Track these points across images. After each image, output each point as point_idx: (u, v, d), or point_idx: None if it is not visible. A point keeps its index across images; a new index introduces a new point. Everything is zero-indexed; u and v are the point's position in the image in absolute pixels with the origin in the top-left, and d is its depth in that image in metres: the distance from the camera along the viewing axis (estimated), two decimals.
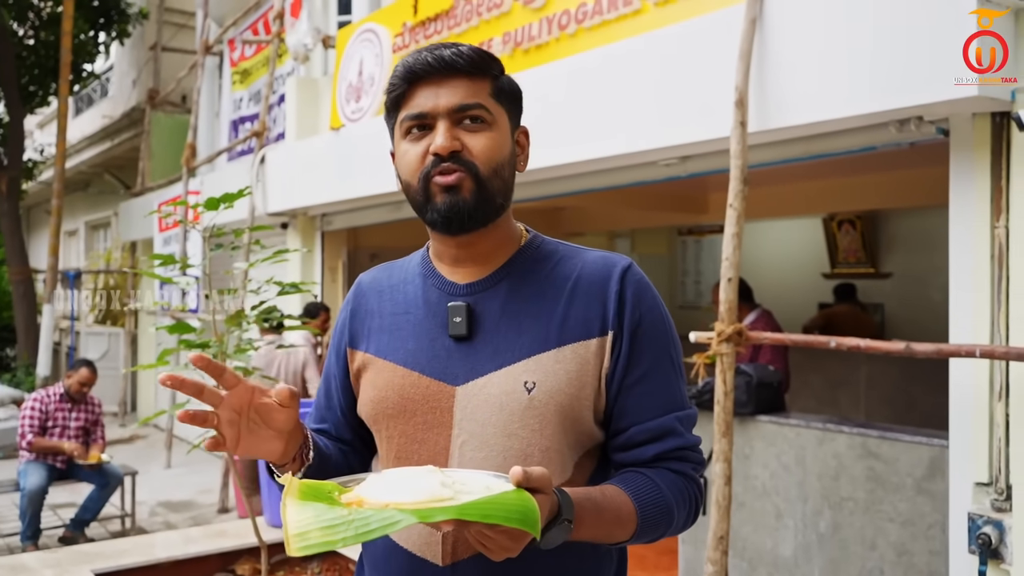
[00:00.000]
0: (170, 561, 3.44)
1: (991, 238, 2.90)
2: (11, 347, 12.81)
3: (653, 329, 1.26)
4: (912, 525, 3.36)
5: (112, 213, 12.49)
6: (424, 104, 1.22)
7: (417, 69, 1.22)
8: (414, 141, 1.23)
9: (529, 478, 1.00)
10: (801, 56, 3.23)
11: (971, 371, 2.96)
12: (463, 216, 1.21)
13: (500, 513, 0.95)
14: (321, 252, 7.18)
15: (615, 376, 1.24)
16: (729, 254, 3.25)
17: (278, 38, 7.29)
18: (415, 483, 1.01)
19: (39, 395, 5.82)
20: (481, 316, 1.26)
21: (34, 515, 5.42)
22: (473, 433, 1.22)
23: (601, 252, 1.32)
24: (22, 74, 10.84)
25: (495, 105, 1.24)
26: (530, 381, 1.21)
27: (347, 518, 0.95)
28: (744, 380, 3.90)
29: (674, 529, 1.25)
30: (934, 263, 6.32)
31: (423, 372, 1.26)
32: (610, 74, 3.96)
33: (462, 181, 1.20)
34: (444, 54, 1.21)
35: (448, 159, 1.20)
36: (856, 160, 4.38)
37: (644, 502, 1.19)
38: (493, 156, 1.22)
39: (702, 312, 8.79)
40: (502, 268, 1.29)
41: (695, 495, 1.27)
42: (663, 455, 1.24)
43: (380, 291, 1.38)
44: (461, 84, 1.22)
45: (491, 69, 1.25)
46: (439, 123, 1.21)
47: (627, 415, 1.25)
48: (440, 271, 1.32)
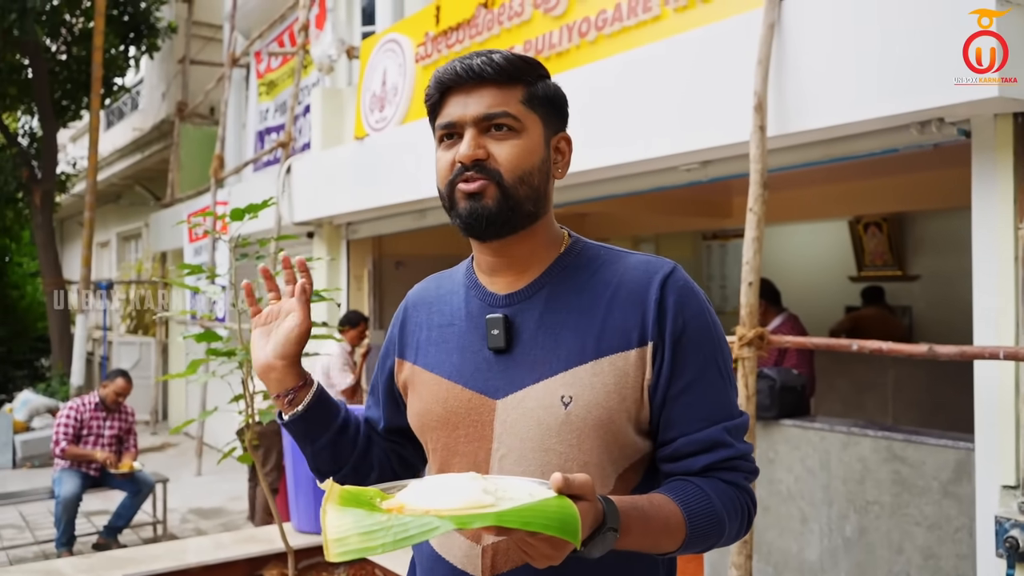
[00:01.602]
0: (200, 566, 3.49)
1: (1015, 239, 2.88)
2: (46, 357, 13.03)
3: (698, 336, 1.22)
4: (939, 529, 3.34)
5: (143, 224, 12.68)
6: (453, 113, 1.24)
7: (445, 79, 1.24)
8: (446, 149, 1.25)
9: (571, 485, 0.98)
10: (820, 60, 3.23)
11: (996, 373, 2.94)
12: (484, 222, 1.22)
13: (539, 520, 0.93)
14: (347, 260, 7.24)
15: (658, 387, 1.21)
16: (750, 258, 3.25)
17: (303, 50, 7.39)
18: (456, 489, 1.01)
19: (74, 404, 5.93)
20: (519, 328, 1.25)
21: (68, 522, 5.52)
22: (512, 447, 1.22)
23: (644, 257, 1.29)
24: (55, 89, 11.05)
25: (526, 112, 1.24)
26: (567, 395, 1.19)
27: (386, 524, 0.94)
28: (767, 384, 3.89)
29: (726, 540, 1.22)
30: (962, 265, 6.26)
31: (466, 385, 1.26)
32: (630, 80, 3.98)
33: (485, 188, 1.21)
34: (473, 63, 1.22)
35: (472, 167, 1.21)
36: (879, 162, 4.36)
37: (693, 512, 1.16)
38: (519, 163, 1.22)
39: (727, 317, 8.75)
40: (541, 277, 1.28)
41: (747, 505, 1.24)
42: (713, 466, 1.21)
43: (429, 303, 1.39)
44: (489, 92, 1.22)
45: (523, 76, 1.25)
46: (466, 132, 1.22)
47: (673, 426, 1.22)
48: (481, 281, 1.32)
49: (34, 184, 10.70)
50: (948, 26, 2.79)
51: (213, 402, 7.78)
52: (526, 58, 1.27)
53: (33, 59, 10.37)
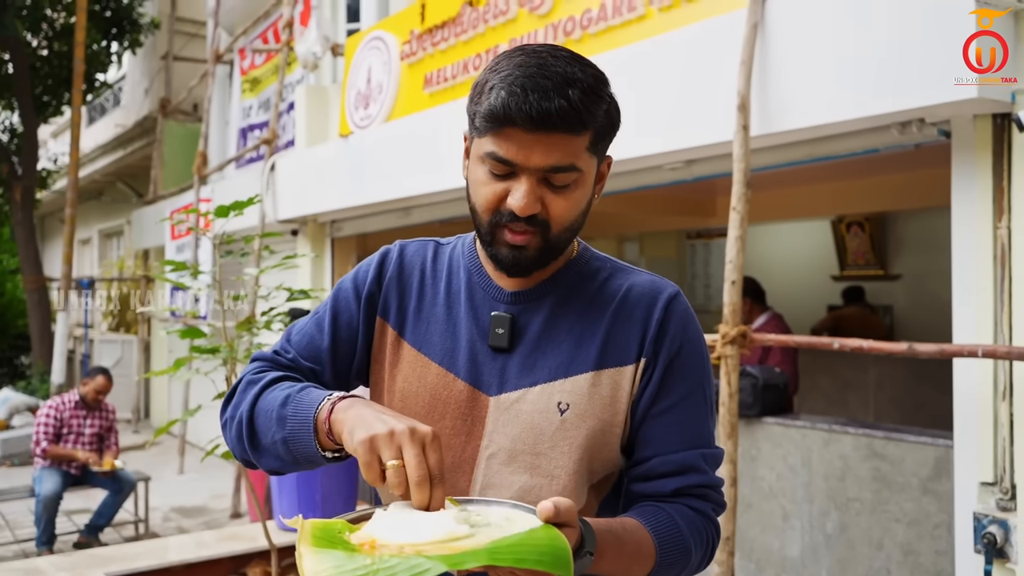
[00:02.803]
0: (182, 564, 3.47)
1: (993, 239, 2.91)
2: (26, 355, 12.93)
3: (690, 361, 1.23)
4: (918, 525, 3.37)
5: (125, 221, 12.60)
6: (514, 155, 1.12)
7: (518, 118, 1.09)
8: (492, 178, 1.15)
9: (558, 513, 0.97)
10: (802, 60, 3.26)
11: (975, 371, 2.98)
12: (523, 270, 1.20)
13: (533, 556, 0.91)
14: (331, 258, 7.23)
15: (641, 403, 1.21)
16: (733, 257, 3.27)
17: (287, 46, 7.36)
18: (428, 520, 0.97)
19: (54, 402, 5.89)
20: (523, 329, 1.23)
21: (49, 521, 5.48)
22: (502, 447, 1.20)
23: (650, 276, 1.28)
24: (36, 84, 10.96)
25: (588, 158, 1.16)
26: (564, 402, 1.19)
27: (371, 568, 0.88)
28: (750, 382, 3.92)
29: (689, 570, 1.20)
30: (943, 265, 6.33)
31: (459, 375, 1.23)
32: (615, 79, 3.96)
33: (531, 241, 1.16)
34: (551, 107, 1.08)
35: (524, 219, 1.15)
36: (861, 162, 4.40)
37: (663, 539, 1.15)
38: (569, 216, 1.17)
39: (711, 316, 8.79)
40: (550, 280, 1.25)
41: (712, 536, 1.23)
42: (683, 490, 1.21)
43: (423, 271, 1.32)
44: (559, 142, 1.11)
45: (596, 119, 1.14)
46: (524, 177, 1.13)
47: (651, 444, 1.21)
48: (486, 270, 1.27)
49: (14, 180, 10.61)
50: (930, 27, 2.82)
51: (196, 400, 7.74)
52: (600, 90, 1.15)
53: (14, 54, 10.27)
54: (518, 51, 1.16)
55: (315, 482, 3.37)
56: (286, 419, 1.15)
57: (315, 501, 3.33)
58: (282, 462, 1.20)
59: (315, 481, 3.39)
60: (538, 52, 1.14)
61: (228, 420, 1.26)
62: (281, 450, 1.17)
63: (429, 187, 5.17)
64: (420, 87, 5.71)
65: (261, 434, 1.20)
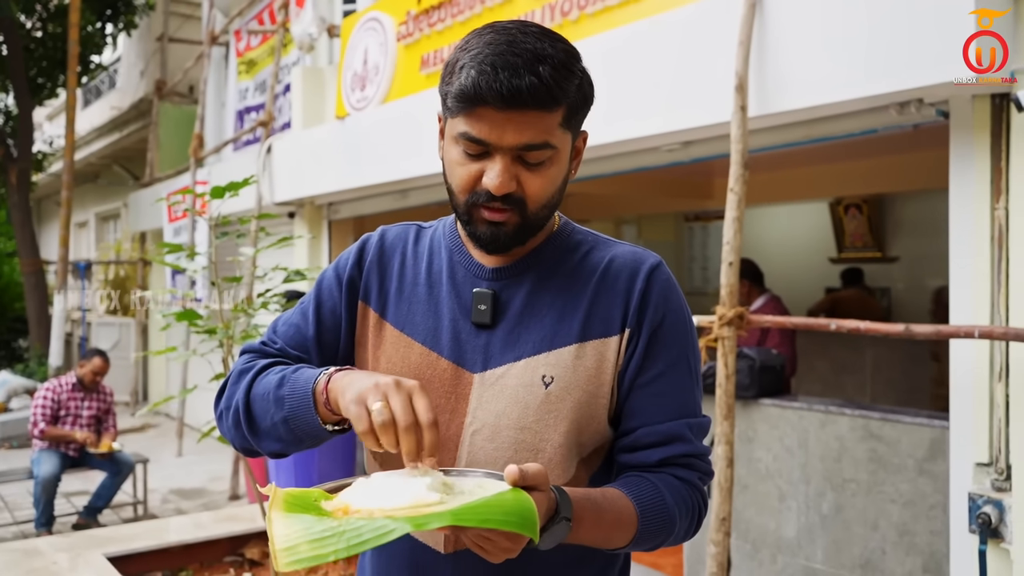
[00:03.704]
0: (181, 545, 3.49)
1: (991, 220, 2.90)
2: (23, 338, 12.93)
3: (674, 330, 1.23)
4: (913, 506, 3.39)
5: (122, 204, 12.56)
6: (487, 134, 1.12)
7: (489, 97, 1.09)
8: (467, 158, 1.16)
9: (525, 476, 0.98)
10: (801, 40, 3.24)
11: (971, 352, 2.98)
12: (501, 247, 1.20)
13: (497, 516, 0.92)
14: (328, 240, 7.21)
15: (627, 374, 1.21)
16: (730, 238, 3.26)
17: (283, 28, 7.31)
18: (400, 488, 0.98)
19: (51, 384, 5.89)
20: (505, 304, 1.23)
21: (48, 502, 5.50)
22: (486, 423, 1.20)
23: (631, 246, 1.28)
24: (30, 66, 10.89)
25: (562, 134, 1.16)
26: (548, 375, 1.19)
27: (337, 530, 0.90)
28: (747, 364, 3.92)
29: (674, 539, 1.21)
30: (941, 247, 6.34)
31: (442, 354, 1.23)
32: (612, 60, 3.97)
33: (509, 219, 1.17)
34: (522, 85, 1.08)
35: (500, 198, 1.15)
36: (860, 144, 4.38)
37: (646, 507, 1.15)
38: (546, 194, 1.18)
39: (709, 298, 8.80)
40: (531, 255, 1.25)
41: (699, 505, 1.23)
42: (669, 460, 1.21)
43: (404, 254, 1.32)
44: (531, 119, 1.11)
45: (568, 93, 1.13)
46: (498, 156, 1.13)
47: (636, 415, 1.21)
48: (467, 248, 1.28)
49: (10, 162, 10.57)
50: (928, 7, 2.80)
51: (193, 383, 7.74)
52: (571, 65, 1.14)
53: (8, 35, 10.21)
54: (487, 28, 1.15)
55: (312, 463, 3.38)
56: (284, 399, 1.16)
57: (313, 481, 3.35)
58: (283, 443, 1.21)
59: (312, 462, 3.41)
60: (507, 29, 1.13)
61: (224, 411, 1.28)
62: (282, 430, 1.18)
63: (426, 169, 5.15)
64: (417, 68, 5.67)
65: (259, 418, 1.21)
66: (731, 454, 3.22)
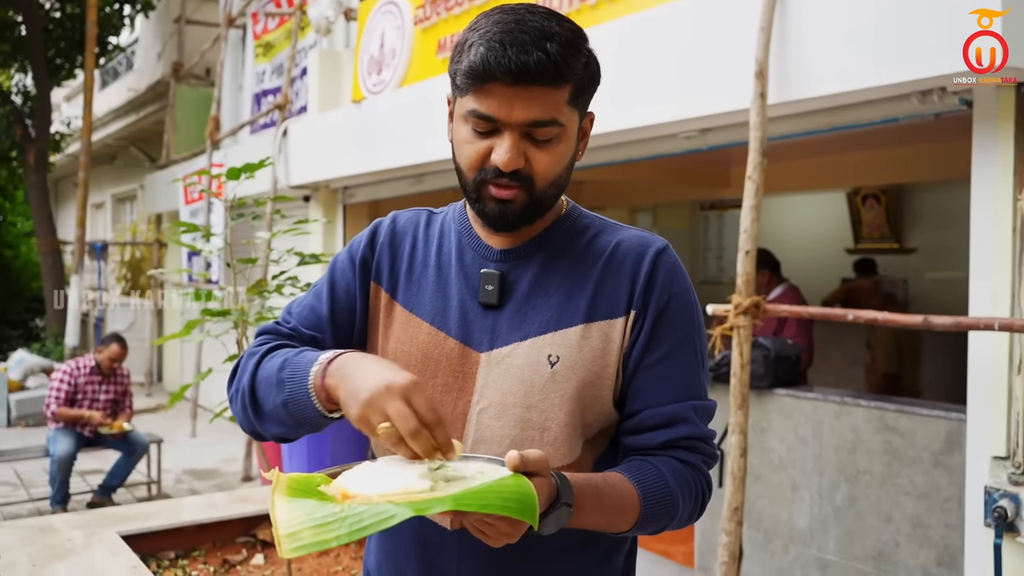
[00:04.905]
0: (194, 525, 3.51)
1: (1013, 211, 2.87)
2: (40, 317, 13.03)
3: (680, 313, 1.23)
4: (928, 498, 3.36)
5: (138, 186, 12.61)
6: (496, 110, 1.14)
7: (497, 72, 1.11)
8: (476, 136, 1.17)
9: (526, 462, 0.99)
10: (822, 26, 3.20)
11: (990, 344, 2.95)
12: (509, 225, 1.21)
13: (498, 502, 0.92)
14: (343, 224, 7.22)
15: (632, 356, 1.22)
16: (747, 227, 3.24)
17: (300, 10, 7.29)
18: (396, 474, 0.99)
19: (69, 367, 5.92)
20: (513, 285, 1.25)
21: (63, 481, 5.55)
22: (493, 401, 1.21)
23: (638, 230, 1.29)
24: (48, 47, 10.92)
25: (569, 112, 1.18)
26: (554, 355, 1.20)
27: (339, 515, 0.91)
28: (762, 353, 3.90)
29: (677, 523, 1.21)
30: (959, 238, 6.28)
31: (449, 333, 1.25)
32: (630, 46, 3.93)
33: (516, 196, 1.18)
34: (530, 60, 1.10)
35: (508, 175, 1.16)
36: (879, 133, 4.34)
37: (648, 491, 1.16)
38: (554, 171, 1.19)
39: (724, 287, 8.75)
40: (539, 237, 1.27)
41: (703, 488, 1.23)
42: (673, 442, 1.21)
43: (415, 236, 1.34)
44: (539, 95, 1.13)
45: (575, 71, 1.15)
46: (506, 133, 1.15)
47: (641, 397, 1.22)
48: (476, 231, 1.29)
49: (28, 143, 10.61)
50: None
51: (208, 363, 7.78)
52: (578, 43, 1.16)
53: (26, 16, 10.23)
54: (496, 10, 1.17)
55: (325, 445, 3.38)
56: (284, 382, 1.17)
57: (325, 464, 3.35)
58: (285, 427, 1.22)
59: (325, 445, 3.41)
60: (515, 9, 1.16)
61: (234, 394, 1.29)
62: (283, 414, 1.19)
63: (441, 154, 5.14)
64: (433, 52, 5.65)
65: (263, 401, 1.22)
66: (745, 444, 3.20)
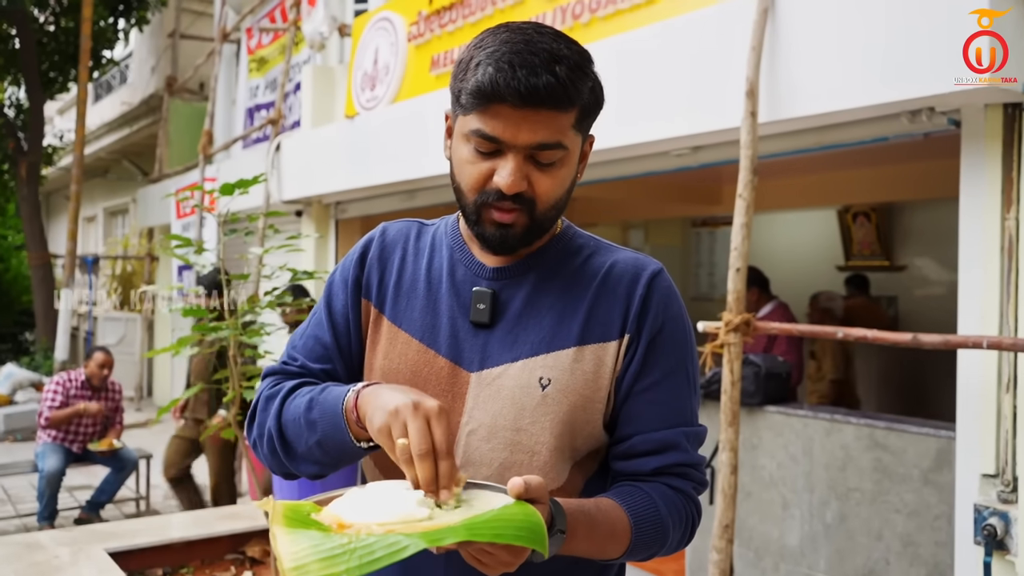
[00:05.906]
0: (183, 541, 3.48)
1: (1001, 230, 2.89)
2: (30, 331, 12.97)
3: (673, 338, 1.22)
4: (918, 516, 3.37)
5: (130, 200, 12.59)
6: (501, 131, 1.11)
7: (506, 94, 1.09)
8: (478, 156, 1.15)
9: (529, 489, 0.98)
10: (812, 46, 3.23)
11: (979, 363, 2.96)
12: (509, 247, 1.20)
13: (510, 531, 0.92)
14: (335, 240, 7.22)
15: (624, 380, 1.21)
16: (738, 244, 3.25)
17: (294, 26, 7.32)
18: (392, 501, 0.98)
19: (61, 378, 5.87)
20: (505, 304, 1.22)
21: (51, 496, 5.51)
22: (483, 423, 1.19)
23: (633, 252, 1.28)
24: (42, 60, 10.92)
25: (574, 136, 1.16)
26: (545, 377, 1.18)
27: (348, 547, 0.89)
28: (752, 370, 3.91)
29: (667, 549, 1.20)
30: (948, 256, 6.31)
31: (439, 352, 1.22)
32: (622, 64, 3.96)
33: (517, 219, 1.16)
34: (540, 83, 1.08)
35: (510, 198, 1.15)
36: (870, 151, 4.37)
37: (640, 518, 1.15)
38: (555, 194, 1.17)
39: (715, 304, 8.76)
40: (532, 256, 1.25)
41: (692, 515, 1.23)
42: (664, 469, 1.20)
43: (405, 250, 1.31)
44: (546, 119, 1.11)
45: (582, 96, 1.13)
46: (510, 155, 1.13)
47: (632, 422, 1.21)
48: (469, 247, 1.27)
49: (20, 156, 10.60)
50: (941, 15, 2.79)
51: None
52: (586, 67, 1.14)
53: (20, 29, 10.25)
54: (502, 28, 1.15)
55: None
56: (315, 422, 1.16)
57: (316, 488, 3.34)
58: (320, 465, 1.22)
59: None
60: (523, 28, 1.14)
61: (257, 439, 1.28)
62: (317, 453, 1.19)
63: (434, 170, 5.15)
64: (427, 69, 5.68)
65: (294, 443, 1.21)
66: (735, 461, 3.20)
